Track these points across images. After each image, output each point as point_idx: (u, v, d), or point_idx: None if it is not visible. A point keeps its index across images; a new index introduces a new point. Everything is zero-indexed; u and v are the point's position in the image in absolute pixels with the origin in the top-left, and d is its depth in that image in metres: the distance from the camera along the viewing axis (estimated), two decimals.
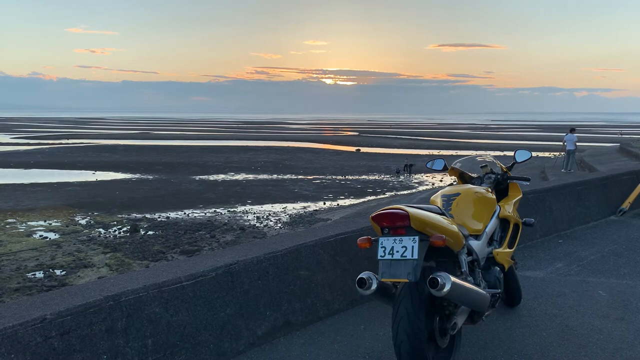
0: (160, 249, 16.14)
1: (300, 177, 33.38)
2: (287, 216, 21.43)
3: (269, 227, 19.42)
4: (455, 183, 4.18)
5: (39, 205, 22.91)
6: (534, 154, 4.73)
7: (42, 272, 13.93)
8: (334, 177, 33.30)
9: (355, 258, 4.35)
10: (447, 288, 2.71)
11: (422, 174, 34.23)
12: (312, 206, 23.65)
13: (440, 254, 3.08)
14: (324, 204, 24.23)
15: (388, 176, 33.93)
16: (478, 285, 3.29)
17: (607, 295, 4.67)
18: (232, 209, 22.78)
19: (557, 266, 5.58)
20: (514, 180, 4.20)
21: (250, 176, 33.77)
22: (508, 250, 3.88)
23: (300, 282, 3.98)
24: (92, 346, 2.78)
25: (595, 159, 23.89)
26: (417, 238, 2.84)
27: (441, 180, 31.56)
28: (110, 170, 35.73)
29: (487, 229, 3.61)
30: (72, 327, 2.71)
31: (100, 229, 18.87)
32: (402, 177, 33.45)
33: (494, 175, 4.09)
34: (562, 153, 23.90)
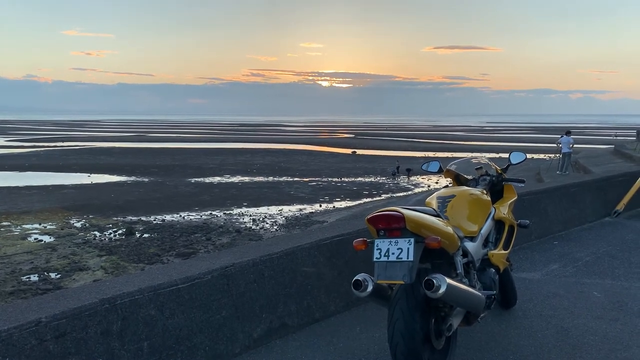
0: (155, 252, 16.10)
1: (296, 179, 33.38)
2: (283, 218, 21.42)
3: (264, 230, 19.41)
4: (450, 185, 4.20)
5: (34, 208, 22.81)
6: (529, 155, 4.75)
7: (37, 275, 13.87)
8: (329, 179, 33.31)
9: (351, 260, 4.36)
10: (442, 290, 2.72)
11: (417, 176, 34.29)
12: (308, 208, 23.64)
13: (435, 255, 3.09)
14: (320, 206, 24.22)
15: (384, 178, 33.97)
16: (473, 286, 3.30)
17: (602, 296, 4.68)
18: (228, 212, 22.75)
19: (552, 268, 5.60)
20: (509, 182, 4.22)
21: (246, 178, 33.74)
22: (503, 251, 3.89)
23: (296, 284, 3.98)
24: (88, 349, 2.78)
25: (590, 160, 24.00)
26: (412, 240, 2.85)
27: (437, 182, 31.61)
28: (105, 173, 35.62)
29: (482, 231, 3.62)
30: (68, 330, 2.71)
31: (96, 232, 18.81)
32: (397, 179, 33.51)
33: (489, 177, 4.11)
34: (558, 155, 23.97)
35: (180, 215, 21.78)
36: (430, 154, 49.70)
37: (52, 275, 13.91)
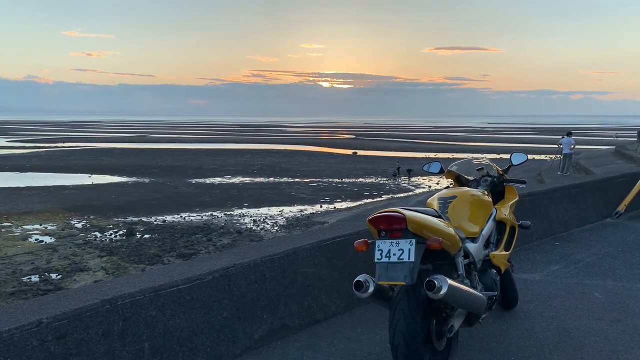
0: (156, 253, 16.11)
1: (296, 180, 33.38)
2: (284, 219, 21.42)
3: (265, 230, 19.41)
4: (451, 186, 4.19)
5: (35, 208, 22.83)
6: (530, 156, 4.75)
7: (37, 275, 13.88)
8: (330, 180, 33.31)
9: (352, 261, 4.35)
10: (443, 291, 2.72)
11: (418, 177, 34.28)
12: (309, 209, 23.65)
13: (437, 256, 3.08)
14: (321, 207, 24.23)
15: (385, 179, 33.97)
16: (475, 287, 3.30)
17: (603, 297, 4.68)
18: (229, 212, 22.75)
19: (553, 269, 5.59)
20: (510, 183, 4.21)
21: (247, 179, 33.75)
22: (504, 252, 3.89)
23: (297, 285, 3.97)
24: (89, 350, 2.78)
25: (591, 161, 23.99)
26: (413, 241, 2.84)
27: (438, 183, 31.59)
28: (106, 174, 35.66)
29: (483, 232, 3.61)
30: (69, 331, 2.71)
31: (96, 233, 18.83)
32: (398, 180, 33.52)
33: (490, 178, 4.10)
34: (559, 156, 23.97)
35: (181, 216, 21.79)
36: (431, 155, 49.71)
37: (53, 275, 13.92)
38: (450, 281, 2.78)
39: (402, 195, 27.63)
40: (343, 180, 33.28)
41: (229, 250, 4.14)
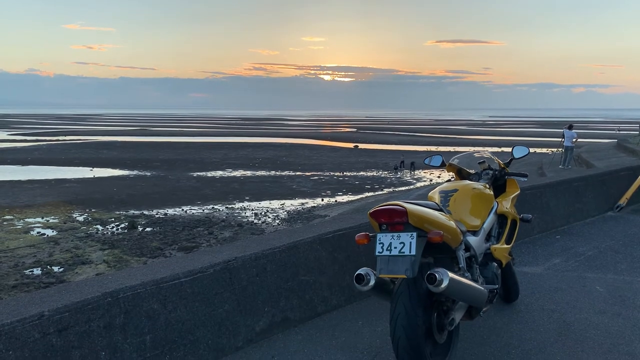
0: (158, 246, 16.13)
1: (298, 173, 33.37)
2: (285, 213, 21.43)
3: (267, 224, 19.42)
4: (453, 179, 4.19)
5: (37, 202, 22.87)
6: (531, 150, 4.74)
7: (39, 268, 13.92)
8: (332, 173, 33.30)
9: (353, 254, 4.36)
10: (444, 284, 2.72)
11: (420, 170, 34.26)
12: (310, 203, 23.65)
13: (438, 250, 3.08)
14: (322, 200, 24.23)
15: (386, 172, 33.95)
16: (476, 281, 3.30)
17: (605, 290, 4.68)
18: (230, 206, 22.76)
19: (554, 262, 5.59)
20: (512, 176, 4.21)
21: (248, 173, 33.75)
22: (506, 246, 3.89)
23: (298, 278, 3.98)
24: (91, 342, 2.78)
25: (592, 155, 23.93)
26: (415, 234, 2.84)
27: (439, 177, 31.57)
28: (107, 167, 35.67)
29: (484, 225, 3.61)
30: (70, 324, 2.71)
31: (98, 226, 18.85)
32: (399, 173, 33.50)
33: (491, 172, 4.10)
34: (560, 149, 23.94)
35: (183, 209, 21.81)
36: (433, 148, 49.64)
37: (55, 268, 13.96)
38: (451, 274, 2.78)
39: (403, 188, 27.62)
40: (344, 173, 33.27)
41: (230, 244, 4.14)
